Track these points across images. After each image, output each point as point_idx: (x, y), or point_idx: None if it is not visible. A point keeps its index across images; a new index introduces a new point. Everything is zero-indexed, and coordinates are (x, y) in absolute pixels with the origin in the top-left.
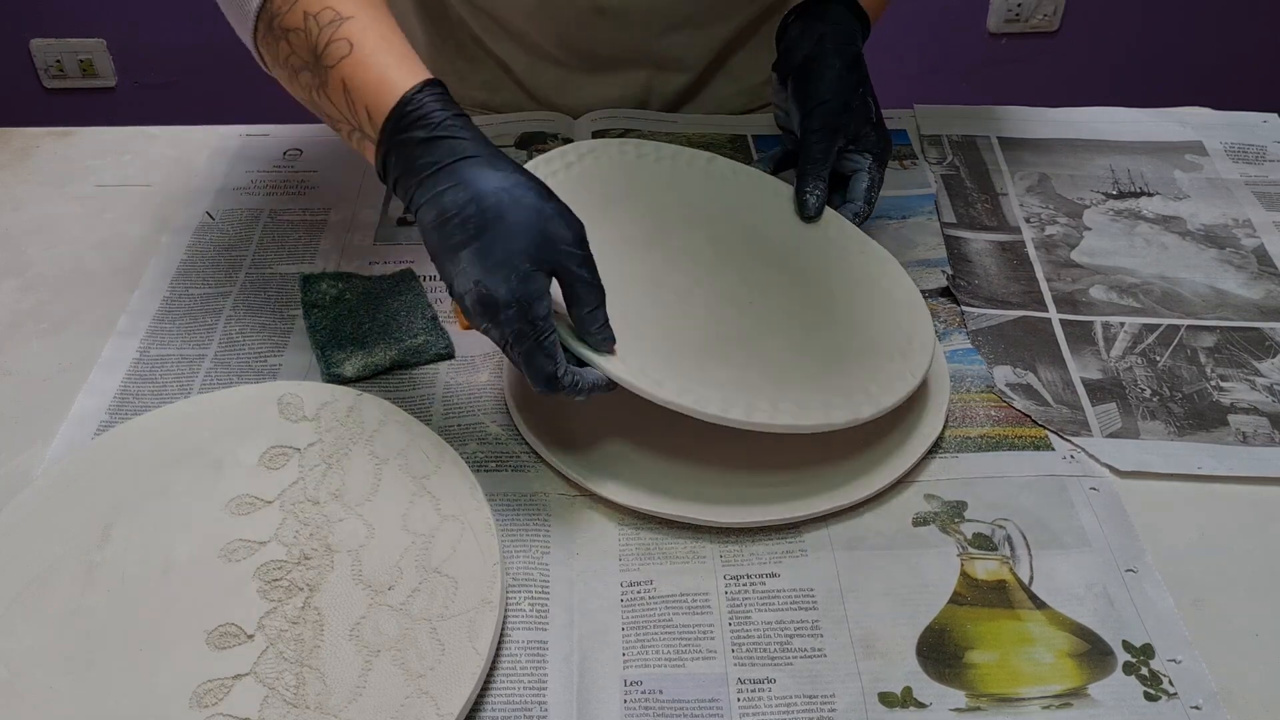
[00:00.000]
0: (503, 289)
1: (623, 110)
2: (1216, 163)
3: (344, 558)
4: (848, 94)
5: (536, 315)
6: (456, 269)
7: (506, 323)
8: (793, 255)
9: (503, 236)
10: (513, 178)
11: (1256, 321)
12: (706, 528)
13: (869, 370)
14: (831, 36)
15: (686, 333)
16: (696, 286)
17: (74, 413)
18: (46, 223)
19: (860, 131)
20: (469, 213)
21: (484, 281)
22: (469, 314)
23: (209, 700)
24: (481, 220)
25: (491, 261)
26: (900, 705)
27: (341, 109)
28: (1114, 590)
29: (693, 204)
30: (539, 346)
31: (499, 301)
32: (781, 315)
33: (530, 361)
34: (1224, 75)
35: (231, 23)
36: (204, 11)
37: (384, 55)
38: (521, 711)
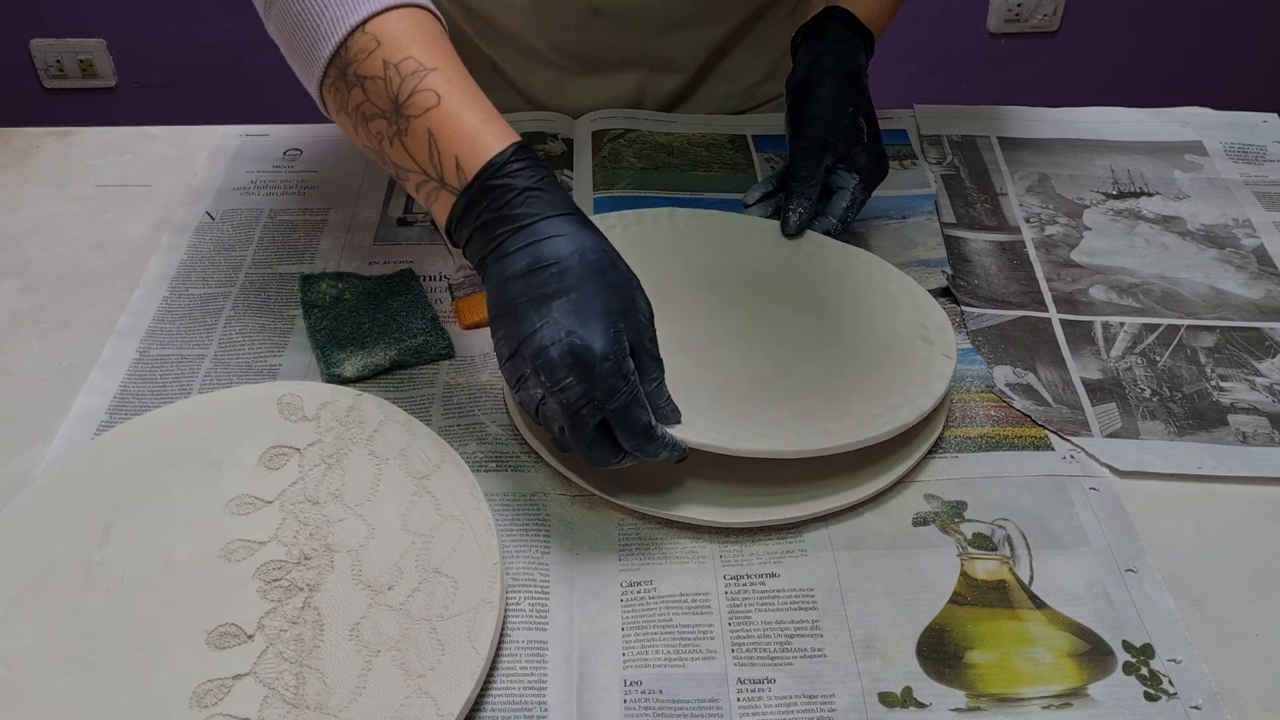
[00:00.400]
0: (599, 341)
1: (622, 110)
2: (1216, 163)
3: (344, 558)
4: (838, 113)
5: (628, 370)
6: (543, 319)
7: (601, 377)
8: (789, 282)
9: (603, 292)
10: (605, 242)
11: (1256, 321)
12: (706, 528)
13: (905, 364)
14: (828, 54)
15: (728, 384)
16: (715, 338)
17: (74, 413)
18: (46, 223)
19: (850, 151)
20: (570, 264)
21: (578, 333)
22: (549, 369)
23: (209, 700)
24: (583, 273)
25: (590, 314)
26: (900, 705)
27: (420, 158)
28: (1114, 590)
29: (676, 261)
30: (635, 400)
31: (595, 354)
32: (803, 341)
33: (626, 416)
34: (1224, 75)
35: (294, 66)
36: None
37: (476, 109)
38: (521, 711)
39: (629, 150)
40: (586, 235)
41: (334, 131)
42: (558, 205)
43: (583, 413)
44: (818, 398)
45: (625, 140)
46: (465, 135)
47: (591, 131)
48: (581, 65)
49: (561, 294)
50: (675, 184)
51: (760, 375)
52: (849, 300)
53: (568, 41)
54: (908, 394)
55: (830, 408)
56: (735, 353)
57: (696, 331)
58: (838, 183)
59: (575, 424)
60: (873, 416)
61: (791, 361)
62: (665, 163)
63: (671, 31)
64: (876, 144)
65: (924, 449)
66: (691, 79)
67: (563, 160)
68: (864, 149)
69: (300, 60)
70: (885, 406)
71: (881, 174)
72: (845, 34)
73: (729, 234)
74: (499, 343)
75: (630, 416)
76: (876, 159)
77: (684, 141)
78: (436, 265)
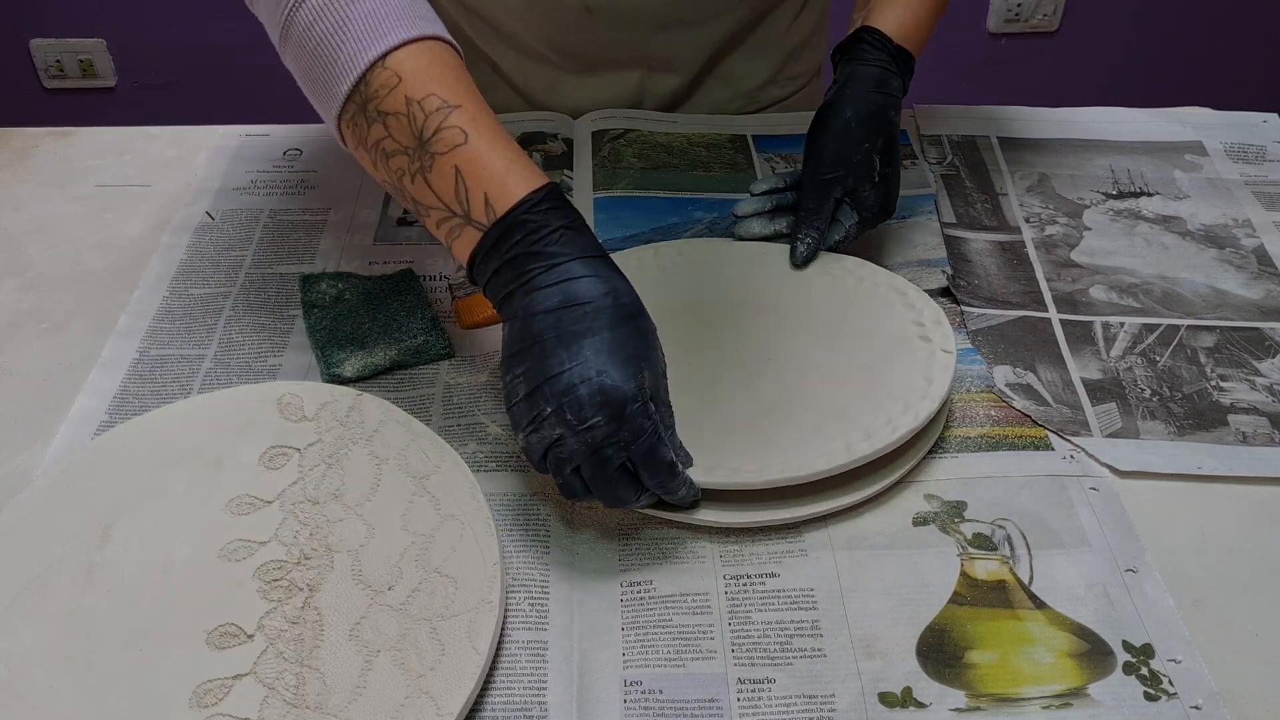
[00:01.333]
0: (631, 383)
1: (621, 110)
2: (1216, 163)
3: (344, 558)
4: (850, 148)
5: (652, 412)
6: (574, 358)
7: (630, 418)
8: (779, 301)
9: (636, 335)
10: (632, 287)
11: (1256, 321)
12: (707, 528)
13: (904, 367)
14: (854, 81)
15: (731, 417)
16: (714, 371)
17: (74, 413)
18: (46, 223)
19: (858, 187)
20: (604, 305)
21: (610, 373)
22: (576, 407)
23: (209, 700)
24: (616, 315)
25: (623, 355)
26: (900, 705)
27: (445, 195)
28: (1114, 590)
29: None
30: (660, 440)
31: (626, 395)
32: (801, 360)
33: (652, 456)
34: (1224, 75)
35: (311, 98)
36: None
37: (505, 149)
38: (521, 711)
39: (629, 150)
40: (618, 279)
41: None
42: (590, 247)
43: (607, 453)
44: (821, 416)
45: (625, 140)
46: (494, 173)
47: (591, 131)
48: (579, 64)
49: (594, 333)
50: (675, 184)
51: (763, 402)
52: (841, 309)
53: (564, 40)
54: (909, 400)
55: (834, 426)
56: (736, 384)
57: (695, 367)
58: (837, 214)
59: (599, 465)
60: (877, 428)
61: (792, 383)
62: (665, 163)
63: (667, 30)
64: (886, 184)
65: (925, 449)
66: (691, 80)
67: (563, 160)
68: (873, 188)
69: (318, 94)
70: (889, 415)
71: (885, 215)
72: (875, 56)
73: (715, 262)
74: (515, 380)
75: (656, 456)
76: (883, 199)
77: (684, 141)
78: (436, 265)
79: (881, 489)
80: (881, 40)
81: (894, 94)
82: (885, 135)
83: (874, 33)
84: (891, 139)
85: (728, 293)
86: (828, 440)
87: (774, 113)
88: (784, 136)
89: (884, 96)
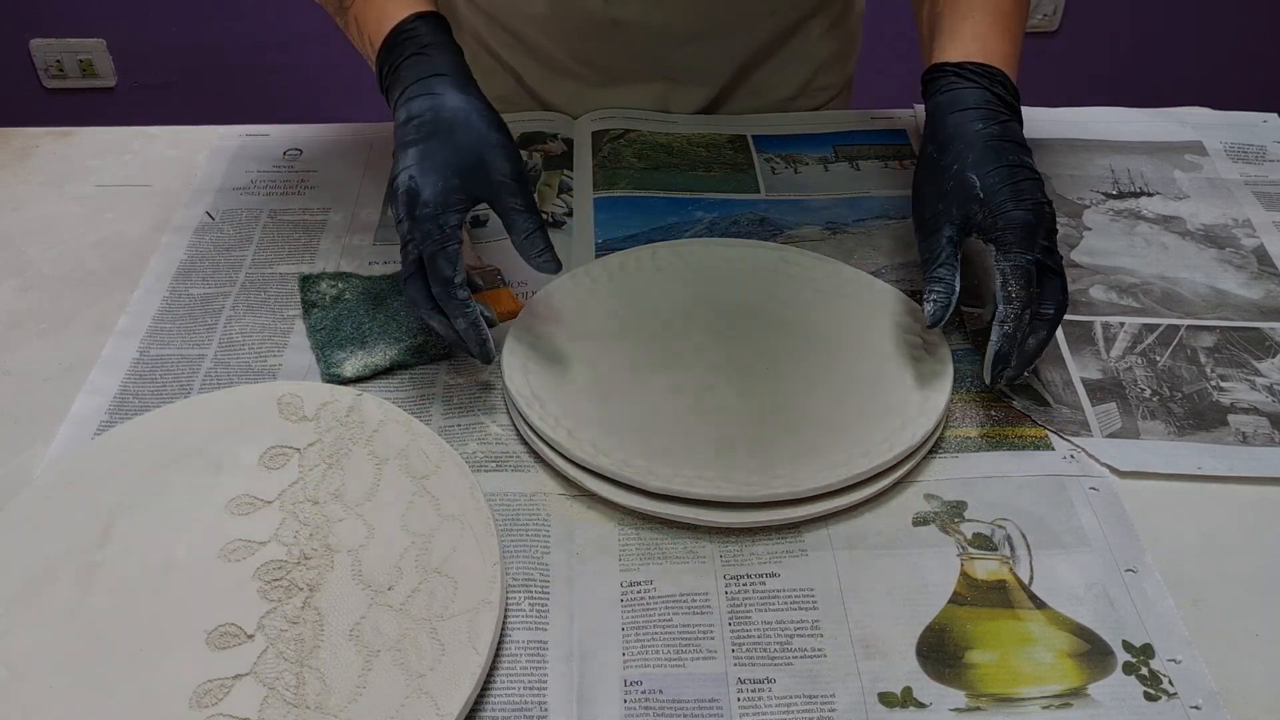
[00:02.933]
0: (428, 188)
1: (621, 110)
2: (1216, 163)
3: (344, 558)
4: (939, 177)
5: (447, 223)
6: (401, 162)
7: (420, 220)
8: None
9: (444, 147)
10: (474, 103)
11: (1256, 321)
12: (707, 528)
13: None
14: (928, 120)
15: (728, 427)
16: (711, 378)
17: (74, 413)
18: (46, 223)
19: (968, 214)
20: (425, 118)
21: (416, 178)
22: (394, 204)
23: (209, 700)
24: (433, 128)
25: (428, 164)
26: (900, 705)
27: (358, 43)
28: (1114, 590)
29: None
30: (442, 250)
31: (419, 198)
32: (799, 370)
33: (432, 262)
34: (1224, 75)
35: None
36: (204, 11)
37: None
38: (521, 711)
39: (629, 150)
40: (452, 95)
41: (334, 131)
42: (437, 67)
43: (409, 248)
44: (820, 429)
45: (625, 140)
46: (374, 16)
47: (591, 131)
48: (602, 76)
49: (414, 143)
50: (675, 184)
51: (760, 412)
52: (839, 318)
53: (587, 52)
54: (907, 415)
55: (834, 439)
56: (733, 392)
57: (691, 373)
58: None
59: (404, 255)
60: (875, 444)
61: (790, 393)
62: (665, 163)
63: (694, 43)
64: (997, 196)
65: (924, 452)
66: (718, 92)
67: (563, 160)
68: (982, 207)
69: None
70: (886, 432)
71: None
72: (943, 83)
73: (713, 265)
74: None
75: (435, 265)
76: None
77: (684, 142)
78: None
79: (882, 489)
80: (940, 68)
81: (976, 105)
82: (975, 149)
83: (934, 67)
84: (989, 148)
85: (726, 297)
86: (827, 453)
87: (775, 111)
88: (784, 136)
89: (961, 113)
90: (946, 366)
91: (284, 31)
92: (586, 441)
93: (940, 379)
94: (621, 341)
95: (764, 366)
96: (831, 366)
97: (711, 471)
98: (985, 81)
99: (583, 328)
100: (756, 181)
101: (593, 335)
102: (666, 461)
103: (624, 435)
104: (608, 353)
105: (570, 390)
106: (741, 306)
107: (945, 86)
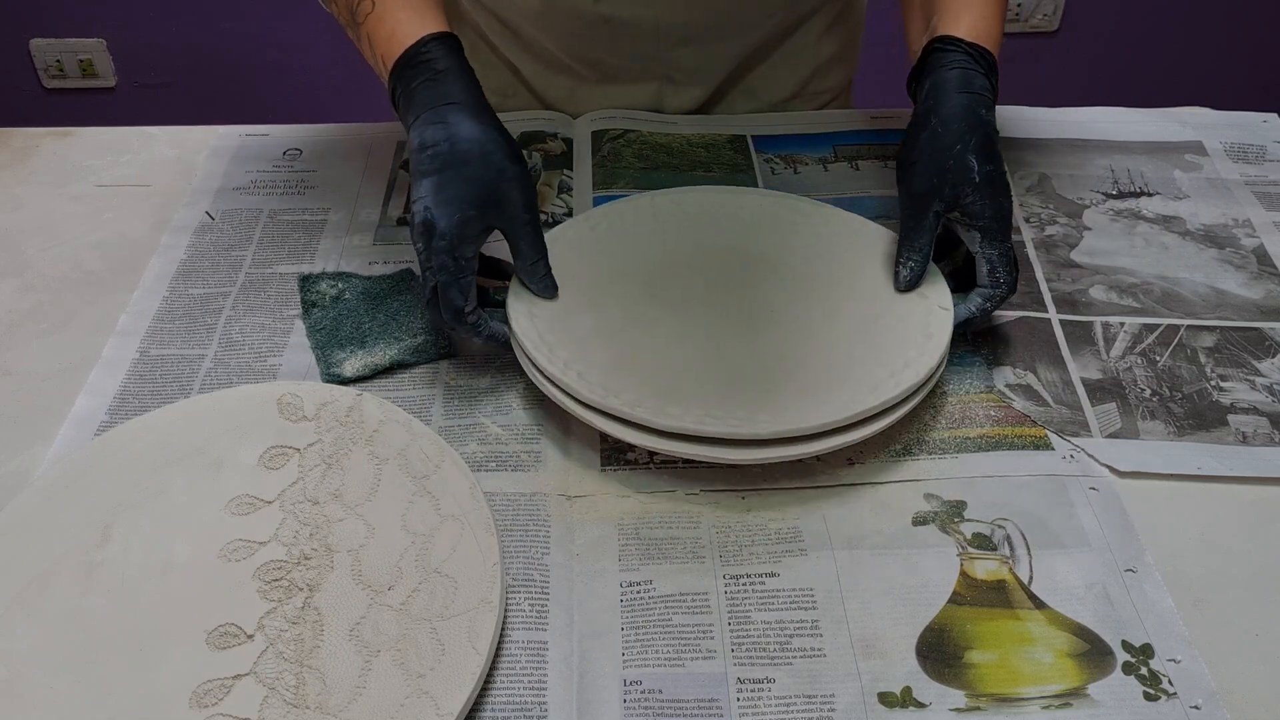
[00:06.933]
0: (443, 221)
1: (621, 110)
2: (1216, 163)
3: (344, 558)
4: (940, 153)
5: (463, 255)
6: (417, 191)
7: (436, 251)
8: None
9: (460, 180)
10: (489, 133)
11: (1256, 321)
12: (707, 527)
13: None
14: (934, 90)
15: (734, 370)
16: (715, 323)
17: (74, 413)
18: (46, 223)
19: (959, 195)
20: (441, 149)
21: (432, 209)
22: (411, 232)
23: (209, 700)
24: (449, 159)
25: (443, 196)
26: (900, 705)
27: (370, 59)
28: (1114, 590)
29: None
30: (455, 281)
31: (435, 230)
32: (805, 315)
33: (444, 293)
34: (1224, 75)
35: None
36: (204, 11)
37: (400, 10)
38: (521, 711)
39: (629, 150)
40: (467, 125)
41: (334, 131)
42: (450, 95)
43: (426, 275)
44: (823, 371)
45: (625, 140)
46: (385, 35)
47: (591, 131)
48: (597, 73)
49: (429, 174)
50: (675, 184)
51: (766, 354)
52: (839, 264)
53: (581, 48)
54: (908, 356)
55: (841, 377)
56: (738, 335)
57: (695, 319)
58: (967, 242)
59: (421, 282)
60: (882, 380)
61: (795, 335)
62: (665, 163)
63: (689, 44)
64: (993, 186)
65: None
66: (713, 92)
67: (563, 160)
68: (976, 191)
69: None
70: (890, 370)
71: (1002, 217)
72: (951, 58)
73: (712, 213)
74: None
75: (447, 295)
76: (995, 209)
77: (683, 142)
78: None
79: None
80: (954, 42)
81: (981, 92)
82: (979, 134)
83: (945, 39)
84: (989, 138)
85: (725, 242)
86: (836, 390)
87: (777, 111)
88: (784, 136)
89: (970, 95)
90: (947, 309)
91: (284, 31)
92: (596, 384)
93: (941, 319)
94: (624, 286)
95: (767, 310)
96: (835, 309)
97: (721, 410)
98: (986, 68)
99: (585, 274)
100: (756, 182)
101: (595, 280)
102: (676, 401)
103: (633, 377)
104: (611, 298)
105: (577, 334)
106: (741, 251)
107: (955, 63)
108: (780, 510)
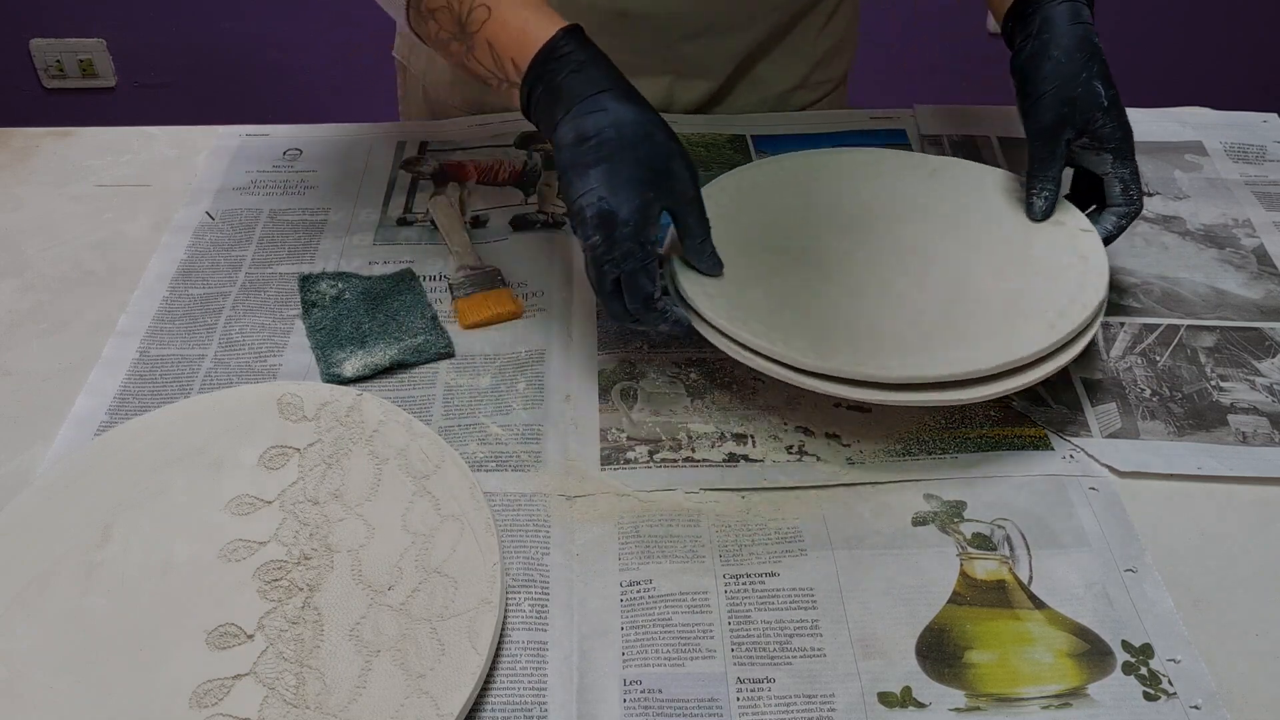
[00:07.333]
0: (624, 208)
1: None
2: (1216, 162)
3: (344, 558)
4: (1068, 84)
5: (647, 238)
6: (584, 184)
7: (620, 239)
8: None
9: (632, 163)
10: (648, 114)
11: (1256, 321)
12: (707, 527)
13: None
14: (1046, 24)
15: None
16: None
17: (74, 413)
18: (46, 223)
19: (1089, 122)
20: (607, 136)
21: (608, 199)
22: (584, 227)
23: (209, 700)
24: (618, 144)
25: (618, 181)
26: (900, 705)
27: (490, 67)
28: (1113, 590)
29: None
30: (644, 267)
31: (618, 218)
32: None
33: (633, 280)
34: (1224, 75)
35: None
36: (204, 11)
37: (522, 10)
38: (521, 711)
39: None
40: (625, 109)
41: (334, 131)
42: (600, 82)
43: (605, 268)
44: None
45: None
46: (514, 36)
47: None
48: None
49: (599, 162)
50: None
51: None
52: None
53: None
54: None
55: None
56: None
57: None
58: (1097, 167)
59: (600, 277)
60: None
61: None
62: None
63: (699, 37)
64: (1116, 107)
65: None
66: (721, 85)
67: None
68: (1105, 115)
69: (391, 6)
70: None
71: (1129, 139)
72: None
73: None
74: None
75: (636, 283)
76: (1123, 128)
77: (683, 141)
78: (436, 265)
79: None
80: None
81: (1090, 22)
82: (1100, 61)
83: None
84: (1105, 64)
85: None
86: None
87: (777, 111)
88: (784, 136)
89: (1083, 25)
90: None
91: (284, 31)
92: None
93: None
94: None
95: (923, 254)
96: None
97: (942, 354)
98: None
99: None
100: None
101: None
102: (892, 354)
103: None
104: (765, 266)
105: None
106: (880, 208)
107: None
108: (780, 510)
